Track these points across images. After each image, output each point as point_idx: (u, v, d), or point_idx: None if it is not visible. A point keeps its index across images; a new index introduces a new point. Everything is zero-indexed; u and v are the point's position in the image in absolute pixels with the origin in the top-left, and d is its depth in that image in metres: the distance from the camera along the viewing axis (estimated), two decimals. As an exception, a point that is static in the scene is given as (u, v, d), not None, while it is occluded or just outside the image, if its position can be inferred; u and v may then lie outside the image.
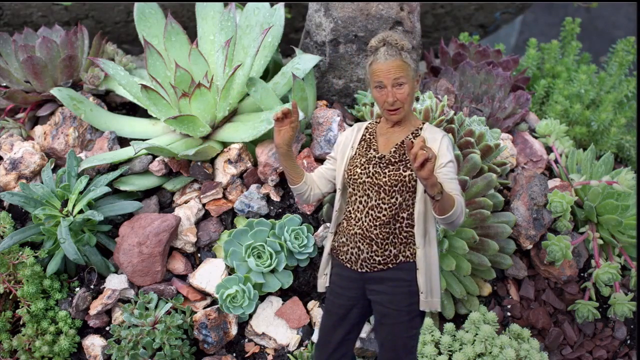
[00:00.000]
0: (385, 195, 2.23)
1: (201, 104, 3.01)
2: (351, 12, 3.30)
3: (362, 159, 2.30)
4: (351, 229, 2.29)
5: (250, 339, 2.93)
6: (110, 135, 3.16)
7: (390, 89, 2.20)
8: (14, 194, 2.88)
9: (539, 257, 3.07)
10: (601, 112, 3.66)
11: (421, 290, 2.25)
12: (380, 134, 2.33)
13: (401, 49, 2.20)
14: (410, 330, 2.28)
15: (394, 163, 2.25)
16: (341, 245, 2.34)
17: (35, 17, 4.09)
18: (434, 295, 2.26)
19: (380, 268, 2.27)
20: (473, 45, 3.75)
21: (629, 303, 3.05)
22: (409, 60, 2.21)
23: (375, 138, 2.33)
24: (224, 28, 3.17)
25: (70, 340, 2.82)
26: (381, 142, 2.31)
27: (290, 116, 2.26)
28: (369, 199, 2.25)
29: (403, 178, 2.21)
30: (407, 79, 2.20)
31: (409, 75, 2.20)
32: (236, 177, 3.06)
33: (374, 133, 2.35)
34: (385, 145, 2.30)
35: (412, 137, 2.27)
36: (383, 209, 2.24)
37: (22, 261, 2.80)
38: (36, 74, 3.21)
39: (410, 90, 2.21)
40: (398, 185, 2.22)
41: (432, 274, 2.25)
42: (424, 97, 3.03)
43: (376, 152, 2.29)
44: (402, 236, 2.25)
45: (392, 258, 2.26)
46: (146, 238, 2.86)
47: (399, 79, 2.19)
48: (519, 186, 3.09)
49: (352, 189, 2.30)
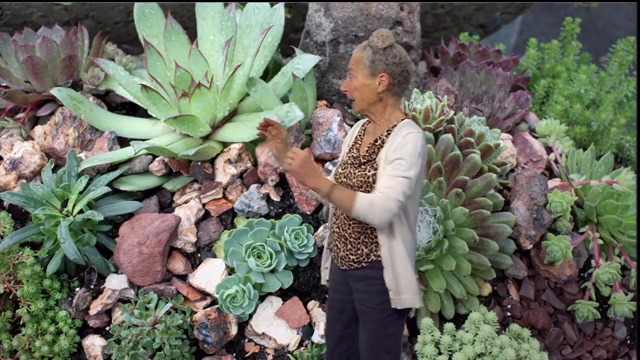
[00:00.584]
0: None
1: (201, 104, 3.01)
2: (351, 12, 3.30)
3: (346, 158, 2.40)
4: (333, 227, 2.42)
5: (250, 339, 2.93)
6: (110, 135, 3.16)
7: (347, 78, 2.32)
8: (14, 194, 2.88)
9: (539, 257, 3.07)
10: (601, 112, 3.66)
11: (389, 287, 2.29)
12: (367, 132, 2.40)
13: (369, 44, 2.27)
14: (386, 329, 2.32)
15: (364, 163, 2.31)
16: (330, 242, 2.46)
17: (35, 17, 4.09)
18: (402, 292, 2.27)
19: (356, 267, 2.35)
20: (473, 45, 3.75)
21: (629, 303, 3.05)
22: (367, 55, 2.25)
23: (363, 136, 2.40)
24: (224, 28, 3.17)
25: (70, 340, 2.82)
26: (364, 142, 2.38)
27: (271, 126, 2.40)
28: None
29: (367, 178, 2.26)
30: (357, 72, 2.27)
31: (360, 69, 2.26)
32: (236, 177, 3.06)
33: (364, 131, 2.42)
34: (364, 146, 2.36)
35: (384, 135, 2.30)
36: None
37: (22, 261, 2.80)
38: (36, 74, 3.21)
39: (358, 84, 2.27)
40: (363, 185, 2.27)
41: (398, 271, 2.27)
42: (424, 97, 3.03)
43: (356, 152, 2.36)
44: (374, 235, 2.30)
45: (364, 257, 2.32)
46: (146, 238, 2.86)
47: (351, 70, 2.29)
48: (519, 186, 3.09)
49: None
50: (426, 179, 2.91)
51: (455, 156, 2.89)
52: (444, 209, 2.84)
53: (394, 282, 2.28)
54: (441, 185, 2.87)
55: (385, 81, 2.25)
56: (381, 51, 2.24)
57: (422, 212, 2.81)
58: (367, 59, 2.25)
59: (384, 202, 2.13)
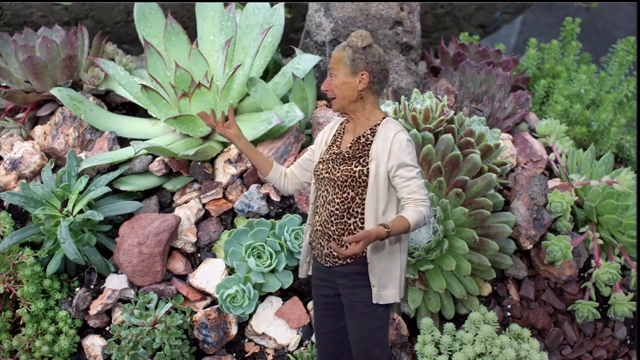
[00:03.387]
0: (338, 190, 2.31)
1: (201, 104, 3.01)
2: (351, 12, 3.30)
3: (326, 155, 2.41)
4: (315, 225, 2.41)
5: (250, 339, 2.93)
6: (110, 135, 3.16)
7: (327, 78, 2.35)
8: (14, 194, 2.88)
9: (539, 257, 3.07)
10: (601, 112, 3.66)
11: (372, 283, 2.32)
12: (347, 131, 2.42)
13: (348, 44, 2.31)
14: (374, 322, 2.35)
15: (348, 159, 2.33)
16: (312, 240, 2.45)
17: (35, 17, 4.09)
18: (387, 288, 2.32)
19: (340, 263, 2.36)
20: (473, 45, 3.75)
21: (629, 303, 3.05)
22: (348, 55, 2.30)
23: (342, 134, 2.43)
24: (224, 28, 3.17)
25: (70, 340, 2.82)
26: (345, 139, 2.40)
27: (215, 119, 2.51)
28: (327, 194, 2.35)
29: (353, 173, 2.29)
30: (338, 71, 2.31)
31: (341, 68, 2.30)
32: (236, 177, 3.06)
33: (342, 129, 2.44)
34: (346, 142, 2.39)
35: (368, 132, 2.34)
36: (336, 203, 2.32)
37: (22, 261, 2.80)
38: (36, 74, 3.21)
39: (339, 82, 2.31)
40: (348, 180, 2.30)
41: (383, 268, 2.31)
42: (424, 97, 3.03)
43: (337, 148, 2.39)
44: (357, 232, 2.30)
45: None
46: (146, 238, 2.86)
47: (332, 70, 2.33)
48: (519, 186, 3.09)
49: (317, 185, 2.41)
50: (426, 179, 2.91)
51: (455, 156, 2.89)
52: (444, 209, 2.84)
53: (377, 278, 2.31)
54: (441, 185, 2.88)
55: (366, 79, 2.30)
56: (361, 50, 2.30)
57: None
58: (348, 58, 2.30)
59: (423, 207, 2.24)
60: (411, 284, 2.91)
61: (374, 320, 2.35)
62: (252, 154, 2.52)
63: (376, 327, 2.36)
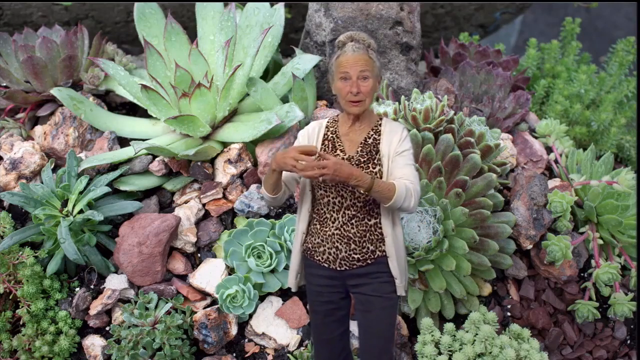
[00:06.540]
0: (359, 194, 2.27)
1: (201, 104, 3.01)
2: (351, 12, 3.30)
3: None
4: (327, 230, 2.33)
5: (250, 339, 2.93)
6: (110, 135, 3.16)
7: (355, 80, 2.24)
8: (14, 194, 2.88)
9: (539, 257, 3.07)
10: (601, 112, 3.66)
11: (395, 276, 2.33)
12: (343, 134, 2.35)
13: (368, 46, 2.28)
14: (392, 317, 2.36)
15: (363, 162, 2.29)
16: (316, 246, 2.36)
17: (35, 17, 4.09)
18: (404, 279, 2.36)
19: (359, 265, 2.33)
20: (473, 45, 3.75)
21: (629, 303, 3.05)
22: (374, 58, 2.28)
23: (339, 138, 2.35)
24: (224, 28, 3.17)
25: (70, 340, 2.82)
26: (346, 143, 2.34)
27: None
28: (343, 200, 2.29)
29: (373, 175, 2.26)
30: (371, 74, 2.26)
31: (373, 72, 2.27)
32: (236, 177, 3.06)
33: (336, 133, 2.36)
34: (351, 146, 2.33)
35: (372, 133, 2.32)
36: (358, 207, 2.29)
37: (22, 261, 2.81)
38: (36, 74, 3.21)
39: (373, 85, 2.28)
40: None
41: (401, 257, 2.34)
42: (424, 97, 3.03)
43: (343, 154, 2.32)
44: (378, 232, 2.31)
45: (369, 254, 2.32)
46: (146, 238, 2.86)
47: (365, 72, 2.25)
48: (519, 186, 3.09)
49: (324, 191, 2.31)
50: (426, 178, 2.91)
51: (455, 156, 2.89)
52: (444, 209, 2.84)
53: (399, 270, 2.32)
54: (441, 185, 2.88)
55: (380, 82, 2.34)
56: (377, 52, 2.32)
57: (422, 212, 2.81)
58: (377, 60, 2.29)
59: (415, 185, 2.22)
60: (411, 284, 2.91)
61: (392, 316, 2.36)
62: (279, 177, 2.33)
63: (393, 323, 2.37)
